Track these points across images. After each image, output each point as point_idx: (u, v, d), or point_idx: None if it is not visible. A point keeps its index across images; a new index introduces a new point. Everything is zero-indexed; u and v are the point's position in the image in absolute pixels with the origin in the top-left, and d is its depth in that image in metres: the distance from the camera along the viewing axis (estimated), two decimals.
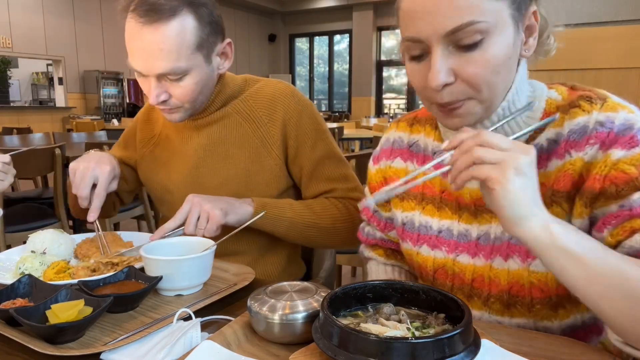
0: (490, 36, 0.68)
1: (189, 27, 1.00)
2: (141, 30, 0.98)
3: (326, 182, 1.18)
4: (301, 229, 1.13)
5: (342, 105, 15.00)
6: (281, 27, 15.12)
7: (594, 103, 0.72)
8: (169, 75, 1.01)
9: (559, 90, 0.79)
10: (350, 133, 6.43)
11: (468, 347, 0.57)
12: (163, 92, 1.04)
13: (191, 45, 1.01)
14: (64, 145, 2.91)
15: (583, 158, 0.70)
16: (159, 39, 0.98)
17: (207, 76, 1.07)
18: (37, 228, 2.41)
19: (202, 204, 1.01)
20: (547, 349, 0.65)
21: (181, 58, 1.00)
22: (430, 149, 0.89)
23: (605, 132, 0.69)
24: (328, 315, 0.60)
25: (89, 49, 10.14)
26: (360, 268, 2.77)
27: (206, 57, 1.05)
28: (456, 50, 0.69)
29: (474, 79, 0.69)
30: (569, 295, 0.74)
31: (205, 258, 0.88)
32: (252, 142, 1.15)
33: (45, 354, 0.66)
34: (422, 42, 0.70)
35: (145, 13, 0.97)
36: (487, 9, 0.67)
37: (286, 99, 1.16)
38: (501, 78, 0.72)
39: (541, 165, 0.75)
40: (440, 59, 0.69)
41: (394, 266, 1.01)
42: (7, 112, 9.30)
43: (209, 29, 1.04)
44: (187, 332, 0.69)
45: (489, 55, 0.68)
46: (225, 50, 1.12)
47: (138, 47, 1.00)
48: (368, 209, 1.00)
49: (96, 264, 0.96)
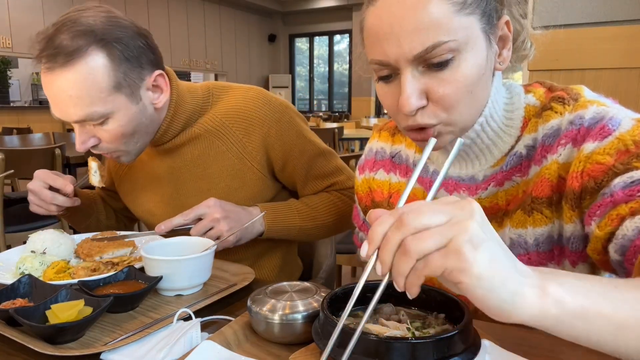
0: (461, 53, 0.65)
1: (98, 68, 0.91)
2: (48, 77, 0.91)
3: (324, 179, 1.17)
4: (310, 232, 1.14)
5: (342, 105, 14.99)
6: (281, 27, 15.11)
7: (566, 104, 0.70)
8: (87, 121, 0.94)
9: (537, 94, 0.76)
10: (350, 133, 6.44)
11: (468, 347, 0.57)
12: (90, 138, 0.97)
13: (105, 87, 0.92)
14: (64, 146, 2.92)
15: (557, 160, 0.68)
16: (66, 85, 0.90)
17: (137, 115, 0.98)
18: (37, 228, 2.41)
19: (220, 221, 0.99)
20: (547, 349, 0.65)
21: (95, 102, 0.92)
22: (412, 162, 0.87)
23: (575, 129, 0.67)
24: (328, 315, 0.61)
25: None
26: (360, 268, 2.77)
27: (130, 96, 0.96)
28: (426, 69, 0.66)
29: (447, 100, 0.66)
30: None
31: (205, 258, 0.88)
32: (229, 160, 1.10)
33: (45, 354, 0.66)
34: (389, 65, 0.67)
35: (49, 58, 0.89)
36: (456, 27, 0.63)
37: (260, 109, 1.09)
38: (475, 97, 0.68)
39: (523, 172, 0.73)
40: (410, 82, 0.65)
41: None
42: (7, 112, 9.30)
43: (125, 65, 0.93)
44: (187, 332, 0.69)
45: (460, 75, 0.65)
46: (157, 83, 1.01)
47: (50, 95, 0.93)
48: (358, 215, 0.99)
49: (96, 263, 0.96)
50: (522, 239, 0.72)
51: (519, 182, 0.74)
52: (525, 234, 0.72)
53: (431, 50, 0.63)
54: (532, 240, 0.71)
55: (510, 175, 0.75)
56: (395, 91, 0.69)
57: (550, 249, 0.71)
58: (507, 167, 0.75)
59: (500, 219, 0.75)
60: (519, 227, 0.72)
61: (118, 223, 1.36)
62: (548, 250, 0.71)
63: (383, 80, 0.70)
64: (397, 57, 0.65)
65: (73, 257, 1.03)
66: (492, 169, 0.76)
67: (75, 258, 1.03)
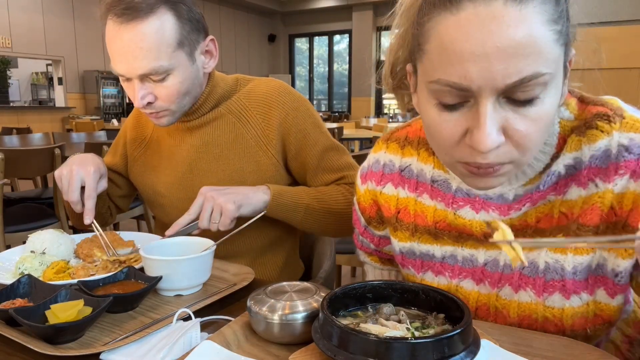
0: (548, 89, 0.57)
1: (167, 24, 0.99)
2: (119, 30, 0.97)
3: (333, 172, 1.18)
4: (317, 216, 1.12)
5: (341, 105, 15.00)
6: (281, 27, 15.12)
7: (612, 122, 0.65)
8: (152, 75, 1.00)
9: (570, 106, 0.71)
10: (350, 133, 6.44)
11: (468, 347, 0.57)
12: (148, 94, 1.02)
13: (172, 43, 1.00)
14: (63, 146, 2.92)
15: (612, 190, 0.64)
16: (138, 37, 0.97)
17: (191, 75, 1.06)
18: (36, 228, 2.41)
19: (215, 197, 1.00)
20: (547, 349, 0.65)
21: (162, 56, 0.99)
22: (429, 177, 0.79)
23: (634, 160, 0.63)
24: (328, 315, 0.60)
25: (89, 49, 10.14)
26: (360, 268, 2.77)
27: (189, 56, 1.04)
28: (507, 102, 0.57)
29: (525, 141, 0.58)
30: (584, 330, 0.70)
31: (205, 258, 0.88)
32: (246, 142, 1.15)
33: (44, 354, 0.66)
34: (467, 91, 0.56)
35: (122, 12, 0.96)
36: (552, 57, 0.55)
37: (281, 96, 1.15)
38: (546, 135, 0.61)
39: (559, 191, 0.68)
40: (492, 115, 0.56)
41: (391, 270, 1.00)
42: (6, 112, 9.30)
43: (189, 26, 1.03)
44: (187, 332, 0.69)
45: (543, 112, 0.57)
46: (209, 48, 1.10)
47: (118, 48, 0.99)
48: (359, 222, 0.95)
49: (104, 262, 0.96)
50: (559, 264, 0.69)
51: (552, 201, 0.70)
52: (564, 260, 0.69)
53: (527, 82, 0.54)
54: (571, 267, 0.68)
55: (546, 195, 0.70)
56: (462, 121, 0.59)
57: (586, 278, 0.69)
58: (544, 187, 0.70)
59: (530, 237, 0.71)
60: (559, 252, 0.69)
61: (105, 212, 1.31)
62: (584, 279, 0.69)
63: (446, 107, 0.59)
64: (483, 84, 0.55)
65: (73, 258, 1.03)
66: (524, 188, 0.71)
67: (74, 258, 1.03)
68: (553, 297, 0.69)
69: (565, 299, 0.69)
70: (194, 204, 1.01)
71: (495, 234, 0.56)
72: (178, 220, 1.02)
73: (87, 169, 1.07)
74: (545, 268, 0.70)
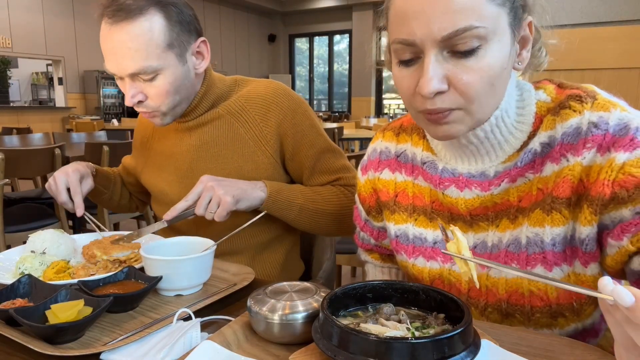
0: (488, 43, 0.65)
1: (157, 25, 1.02)
2: (110, 30, 1.01)
3: (329, 174, 1.19)
4: (311, 215, 1.15)
5: (342, 105, 15.00)
6: (281, 27, 15.12)
7: (584, 102, 0.70)
8: (141, 75, 1.03)
9: (547, 90, 0.76)
10: (350, 133, 6.43)
11: (468, 347, 0.57)
12: (138, 93, 1.05)
13: (160, 44, 1.02)
14: (63, 146, 2.91)
15: (581, 162, 0.68)
16: (127, 37, 1.00)
17: (182, 76, 1.08)
18: (37, 228, 2.42)
19: (215, 188, 1.02)
20: (547, 349, 0.65)
21: (151, 56, 1.02)
22: (419, 159, 0.86)
23: (601, 135, 0.67)
24: (328, 315, 0.60)
25: (89, 49, 10.13)
26: (360, 268, 2.77)
27: (179, 57, 1.06)
28: (451, 56, 0.66)
29: (468, 89, 0.66)
30: (570, 303, 0.73)
31: (205, 258, 0.88)
32: (244, 142, 1.16)
33: (45, 354, 0.66)
34: (414, 46, 0.66)
35: (114, 14, 1.00)
36: (486, 14, 0.64)
37: (279, 98, 1.17)
38: (495, 90, 0.69)
39: (536, 169, 0.73)
40: (434, 64, 0.65)
41: (391, 268, 1.01)
42: (7, 112, 9.29)
43: (179, 27, 1.05)
44: (187, 332, 0.69)
45: (484, 64, 0.65)
46: (200, 49, 1.12)
47: (109, 48, 1.02)
48: (359, 216, 0.99)
49: (104, 262, 0.96)
50: (538, 237, 0.72)
51: (531, 179, 0.74)
52: (542, 233, 0.72)
53: (461, 34, 0.63)
54: (549, 239, 0.71)
55: (524, 172, 0.74)
56: (415, 74, 0.68)
57: (564, 249, 0.72)
58: (521, 164, 0.74)
59: (513, 216, 0.75)
60: (537, 225, 0.72)
61: (130, 203, 1.46)
62: (562, 250, 0.71)
63: (403, 63, 0.69)
64: (424, 37, 0.65)
65: (73, 257, 1.03)
66: (503, 165, 0.76)
67: (75, 258, 1.03)
68: (536, 270, 0.73)
69: (547, 271, 0.72)
70: (192, 191, 1.03)
71: (450, 243, 0.61)
72: (176, 205, 1.03)
73: (67, 172, 1.17)
74: (527, 242, 0.73)
